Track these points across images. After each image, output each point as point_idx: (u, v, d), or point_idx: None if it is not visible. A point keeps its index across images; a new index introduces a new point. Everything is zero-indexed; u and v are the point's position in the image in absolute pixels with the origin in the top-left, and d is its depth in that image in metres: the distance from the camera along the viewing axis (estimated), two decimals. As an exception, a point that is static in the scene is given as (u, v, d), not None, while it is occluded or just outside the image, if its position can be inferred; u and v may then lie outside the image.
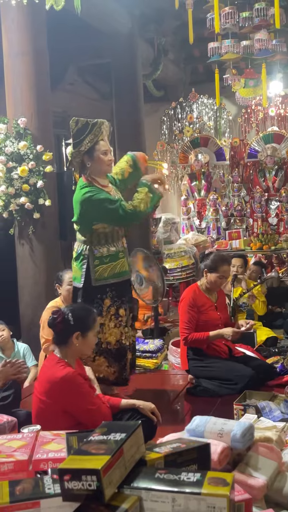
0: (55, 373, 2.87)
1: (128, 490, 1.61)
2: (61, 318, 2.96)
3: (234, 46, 6.99)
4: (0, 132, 5.56)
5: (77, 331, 2.96)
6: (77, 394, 2.85)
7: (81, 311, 3.05)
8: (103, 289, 3.79)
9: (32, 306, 5.72)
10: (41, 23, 5.75)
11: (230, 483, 1.57)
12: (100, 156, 3.72)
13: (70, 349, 2.98)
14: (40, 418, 2.89)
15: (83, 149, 3.70)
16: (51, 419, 2.83)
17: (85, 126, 3.68)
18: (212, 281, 4.35)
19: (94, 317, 3.07)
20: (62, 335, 2.99)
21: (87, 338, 3.00)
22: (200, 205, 8.18)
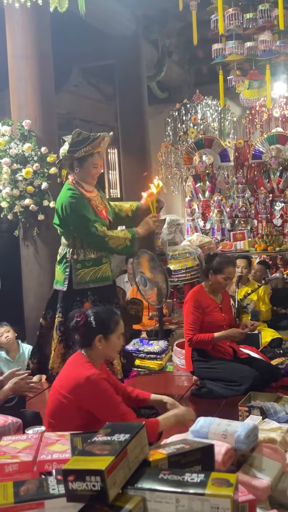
0: (81, 373, 2.88)
1: (132, 491, 1.61)
2: (83, 321, 2.98)
3: (238, 48, 6.97)
4: (4, 134, 5.57)
5: (100, 334, 2.97)
6: (101, 397, 2.85)
7: (103, 314, 3.05)
8: (83, 292, 3.82)
9: (37, 308, 5.73)
10: (46, 26, 5.77)
11: (234, 484, 1.57)
12: (90, 168, 3.81)
13: (94, 351, 3.00)
14: (58, 413, 2.91)
15: (76, 156, 3.78)
16: (68, 415, 2.86)
17: (86, 139, 3.74)
18: (217, 282, 4.36)
19: (117, 320, 3.05)
20: (85, 338, 3.00)
21: (110, 341, 3.00)
22: (205, 206, 8.16)
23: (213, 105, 9.92)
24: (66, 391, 2.88)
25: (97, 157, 3.81)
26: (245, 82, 8.52)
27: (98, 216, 3.81)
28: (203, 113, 9.88)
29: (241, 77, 7.96)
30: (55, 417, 2.93)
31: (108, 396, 2.87)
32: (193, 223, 8.30)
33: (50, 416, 2.96)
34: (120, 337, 3.08)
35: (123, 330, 3.13)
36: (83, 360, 2.97)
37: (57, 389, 2.97)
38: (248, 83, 8.65)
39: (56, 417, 2.92)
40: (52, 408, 2.96)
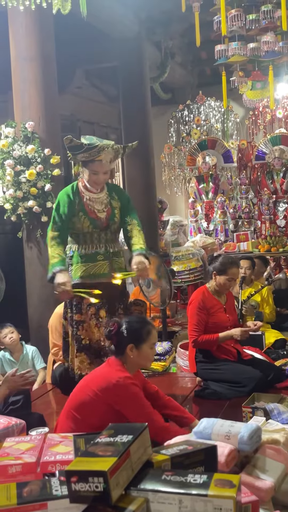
0: (113, 374, 2.95)
1: (135, 492, 1.62)
2: (115, 330, 3.03)
3: (241, 49, 6.97)
4: (8, 136, 5.58)
5: (131, 343, 3.00)
6: (131, 399, 2.91)
7: (135, 323, 3.08)
8: (82, 288, 3.81)
9: (41, 309, 5.74)
10: (49, 28, 5.78)
11: (237, 485, 1.57)
12: (90, 174, 3.82)
13: (127, 360, 3.04)
14: (85, 407, 2.95)
15: (80, 159, 3.82)
16: (95, 411, 2.91)
17: (78, 147, 3.72)
18: (221, 283, 4.35)
19: (149, 330, 3.08)
20: (118, 347, 3.05)
21: (142, 350, 3.03)
22: (208, 207, 8.18)
23: (216, 106, 9.94)
24: (97, 388, 2.93)
25: (97, 164, 3.77)
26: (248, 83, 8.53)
27: (86, 214, 3.84)
28: (206, 114, 9.90)
29: (244, 78, 7.96)
30: (79, 411, 2.98)
31: (136, 399, 2.93)
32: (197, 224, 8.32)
33: (74, 410, 3.00)
34: (153, 347, 3.11)
35: (156, 340, 3.15)
36: (117, 364, 3.03)
37: (88, 385, 3.03)
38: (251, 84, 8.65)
39: (80, 411, 2.97)
40: (78, 403, 3.00)
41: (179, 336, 5.80)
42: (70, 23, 5.86)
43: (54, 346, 4.75)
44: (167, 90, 10.81)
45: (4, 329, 5.05)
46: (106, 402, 2.91)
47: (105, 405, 2.91)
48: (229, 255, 4.78)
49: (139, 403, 2.94)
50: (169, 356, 5.24)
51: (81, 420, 2.95)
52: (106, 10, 7.03)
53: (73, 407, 3.02)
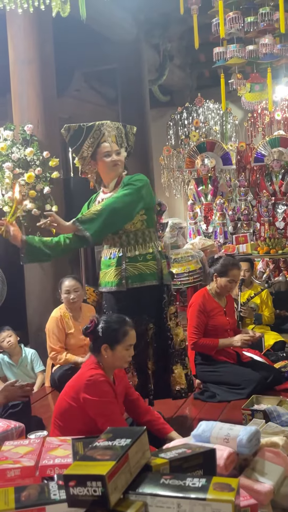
0: (85, 373, 2.91)
1: (134, 496, 1.61)
2: (91, 329, 2.97)
3: (239, 51, 6.99)
4: (6, 139, 5.58)
5: (105, 344, 2.94)
6: (97, 395, 2.84)
7: (112, 323, 2.98)
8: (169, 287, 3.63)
9: (40, 312, 5.74)
10: (47, 30, 5.79)
11: (236, 489, 1.56)
12: (103, 158, 3.50)
13: (102, 359, 2.98)
14: (65, 414, 2.92)
15: (86, 155, 3.53)
16: (74, 418, 2.87)
17: (78, 131, 3.48)
18: (222, 285, 4.34)
19: (125, 331, 2.97)
20: (94, 345, 3.00)
21: (116, 351, 2.95)
22: (207, 209, 8.16)
23: (214, 109, 9.94)
24: (72, 392, 2.91)
25: (105, 145, 3.48)
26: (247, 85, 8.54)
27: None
28: (205, 117, 9.90)
29: (243, 80, 7.97)
30: (62, 419, 2.94)
31: (104, 395, 2.85)
32: (196, 226, 8.30)
33: (57, 418, 2.98)
34: (129, 349, 3.00)
35: (133, 341, 3.02)
36: (91, 363, 2.99)
37: (66, 390, 3.00)
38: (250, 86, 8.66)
39: (62, 418, 2.94)
40: (59, 410, 2.97)
41: (178, 339, 5.77)
42: (69, 25, 5.87)
43: (52, 350, 4.74)
44: (165, 92, 10.82)
45: (2, 332, 5.04)
46: (82, 405, 2.85)
47: (83, 408, 2.86)
48: (230, 257, 4.76)
49: (106, 401, 2.85)
50: (168, 358, 5.22)
51: (65, 428, 2.90)
52: (105, 13, 7.05)
53: (56, 415, 2.98)
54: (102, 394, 2.85)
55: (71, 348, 4.78)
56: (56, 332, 4.73)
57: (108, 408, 2.84)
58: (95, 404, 2.83)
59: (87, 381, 2.85)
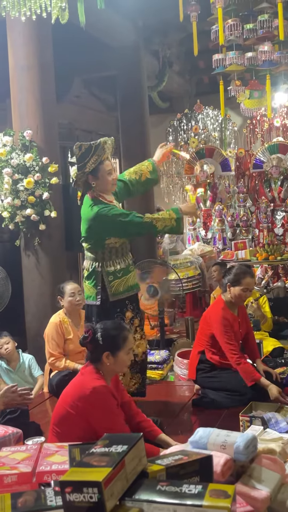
0: (87, 383, 2.89)
1: (130, 502, 1.61)
2: (90, 338, 2.97)
3: (238, 58, 7.02)
4: (6, 145, 5.59)
5: (107, 351, 2.95)
6: (102, 409, 2.85)
7: (111, 330, 3.01)
8: (122, 303, 3.85)
9: (38, 317, 5.73)
10: (47, 37, 5.81)
11: (232, 495, 1.56)
12: (105, 176, 3.78)
13: (103, 367, 2.98)
14: (63, 421, 2.91)
15: (88, 170, 3.76)
16: (73, 425, 2.86)
17: (88, 149, 3.73)
18: (236, 294, 4.24)
19: (125, 336, 3.01)
20: (94, 354, 3.00)
21: (118, 358, 2.97)
22: (206, 215, 8.19)
23: (214, 115, 9.97)
24: (72, 400, 2.89)
25: (107, 163, 3.80)
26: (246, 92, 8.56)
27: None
28: (204, 123, 9.93)
29: (241, 87, 8.00)
30: (60, 426, 2.93)
31: (109, 409, 2.87)
32: (195, 232, 8.33)
33: (55, 424, 2.97)
34: (130, 353, 3.05)
35: (132, 345, 3.09)
36: (92, 372, 2.97)
37: (64, 398, 2.98)
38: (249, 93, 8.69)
39: (61, 425, 2.93)
40: (58, 417, 2.96)
41: (177, 345, 5.78)
42: (68, 32, 5.88)
43: (51, 356, 4.74)
44: (165, 99, 10.85)
45: (0, 339, 5.03)
46: (82, 414, 2.85)
47: (82, 418, 2.85)
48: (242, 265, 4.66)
49: (112, 417, 2.86)
50: (166, 364, 5.22)
51: (63, 434, 2.89)
52: (104, 20, 7.07)
53: (54, 422, 2.98)
54: (107, 407, 2.86)
55: (70, 353, 4.77)
56: (55, 337, 4.72)
57: (113, 421, 2.85)
58: (100, 417, 2.84)
59: (91, 393, 2.84)
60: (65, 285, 4.88)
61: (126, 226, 3.74)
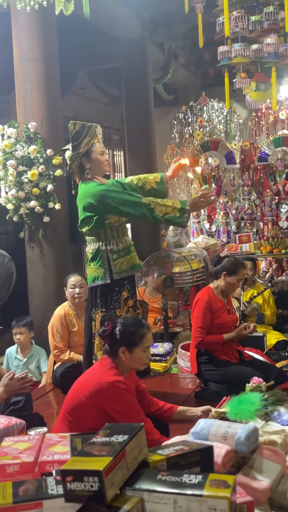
0: (105, 378, 2.92)
1: (130, 492, 1.62)
2: (109, 331, 3.00)
3: (244, 50, 6.98)
4: (10, 136, 5.60)
5: (123, 346, 2.98)
6: (122, 404, 2.89)
7: (129, 326, 3.03)
8: (121, 282, 3.88)
9: (42, 309, 5.76)
10: (52, 29, 5.79)
11: (232, 485, 1.57)
12: (98, 157, 3.86)
13: (119, 362, 3.01)
14: (77, 410, 2.94)
15: (81, 151, 3.82)
16: (87, 414, 2.90)
17: (81, 128, 3.81)
18: (231, 283, 4.37)
19: (143, 333, 3.03)
20: (111, 348, 3.03)
21: (134, 354, 2.99)
22: (210, 208, 8.16)
23: (219, 108, 9.93)
24: (88, 391, 2.91)
25: (99, 145, 3.88)
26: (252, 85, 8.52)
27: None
28: (209, 116, 9.89)
29: (247, 79, 7.95)
30: (72, 414, 2.96)
31: (129, 403, 2.91)
32: (199, 225, 8.30)
33: (68, 413, 2.99)
34: (147, 350, 3.07)
35: (150, 343, 3.11)
36: (110, 365, 3.00)
37: (79, 387, 3.01)
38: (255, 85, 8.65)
39: (73, 414, 2.96)
40: (72, 406, 2.98)
41: (180, 337, 5.79)
42: (73, 24, 5.87)
43: (55, 348, 4.75)
44: (170, 91, 10.82)
45: (16, 328, 5.10)
46: (98, 405, 2.89)
47: (97, 408, 2.89)
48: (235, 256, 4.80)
49: (131, 408, 2.92)
50: (170, 357, 5.23)
51: (75, 423, 2.93)
52: (109, 11, 7.05)
53: (67, 410, 3.00)
54: (126, 402, 2.90)
55: (74, 346, 4.79)
56: (60, 329, 4.74)
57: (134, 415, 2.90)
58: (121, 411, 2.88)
59: (109, 387, 2.88)
60: (69, 277, 4.90)
61: (129, 205, 3.71)
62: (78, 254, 7.92)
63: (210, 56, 9.70)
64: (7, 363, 5.17)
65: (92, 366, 3.19)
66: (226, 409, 2.57)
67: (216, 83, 10.86)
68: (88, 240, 3.94)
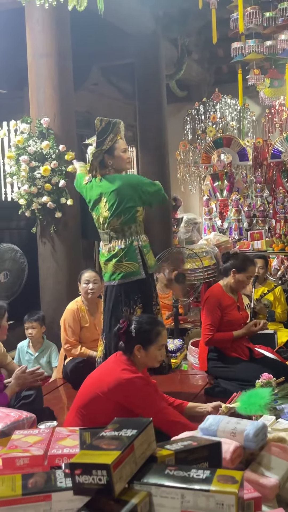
0: (123, 373, 2.93)
1: (138, 486, 1.63)
2: (124, 329, 3.01)
3: (257, 46, 6.96)
4: (23, 132, 5.62)
5: (139, 344, 2.99)
6: (143, 398, 2.92)
7: (145, 324, 3.05)
8: (152, 277, 3.98)
9: (54, 305, 5.77)
10: (65, 24, 5.80)
11: (239, 481, 1.58)
12: (121, 154, 3.89)
13: (135, 358, 3.03)
14: (92, 404, 2.96)
15: (105, 148, 3.84)
16: (102, 409, 2.91)
17: (107, 125, 3.83)
18: (240, 280, 4.37)
19: (158, 331, 3.05)
20: (126, 345, 3.04)
21: (149, 352, 3.01)
22: (222, 205, 8.14)
23: (232, 104, 9.90)
24: (107, 387, 2.92)
25: (122, 142, 3.91)
26: (266, 81, 8.49)
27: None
28: (222, 112, 9.86)
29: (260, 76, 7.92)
30: (87, 408, 2.98)
31: (149, 398, 2.94)
32: (211, 222, 8.29)
33: (82, 407, 3.01)
34: (161, 349, 3.09)
35: (165, 341, 3.13)
36: (126, 362, 3.02)
37: (95, 381, 3.03)
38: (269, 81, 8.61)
39: (88, 407, 2.98)
40: (87, 400, 3.00)
41: (191, 334, 5.80)
42: (86, 19, 5.87)
43: (66, 343, 4.77)
44: (183, 87, 10.79)
45: (28, 322, 5.12)
46: (116, 400, 2.90)
47: (114, 403, 2.91)
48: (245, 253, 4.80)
49: (152, 400, 2.94)
50: (180, 353, 5.24)
51: (89, 417, 2.95)
52: (123, 7, 7.04)
53: (81, 404, 3.02)
54: (146, 395, 2.94)
55: (85, 341, 4.80)
56: (72, 324, 4.75)
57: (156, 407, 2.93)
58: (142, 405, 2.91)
59: (128, 383, 2.90)
60: (83, 272, 4.91)
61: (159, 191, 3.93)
62: (89, 250, 7.93)
63: (224, 52, 9.65)
64: (19, 357, 5.20)
65: (105, 361, 3.20)
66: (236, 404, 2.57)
67: (229, 80, 10.81)
68: (115, 236, 3.89)
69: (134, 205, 3.83)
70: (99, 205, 3.91)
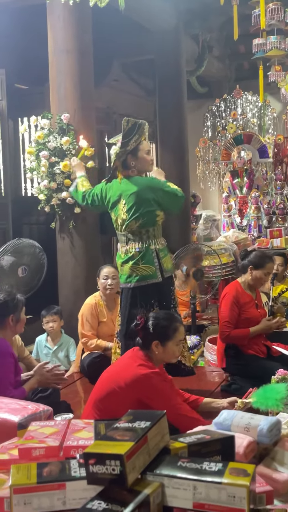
0: (140, 369, 2.96)
1: (151, 476, 1.64)
2: (141, 325, 3.03)
3: (279, 43, 6.92)
4: (43, 127, 5.66)
5: (156, 340, 3.01)
6: (159, 395, 2.95)
7: (162, 320, 3.06)
8: (171, 279, 4.00)
9: (72, 300, 5.81)
10: (86, 20, 5.82)
11: (251, 474, 1.58)
12: (144, 155, 3.90)
13: (152, 354, 3.05)
14: (109, 399, 2.99)
15: (129, 149, 3.85)
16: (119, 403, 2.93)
17: (133, 125, 3.83)
18: (258, 277, 4.36)
19: (175, 327, 3.06)
20: (144, 341, 3.06)
21: (167, 348, 3.03)
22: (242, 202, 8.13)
23: (253, 101, 9.85)
24: (124, 382, 2.95)
25: (146, 144, 3.93)
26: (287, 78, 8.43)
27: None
28: (242, 109, 9.82)
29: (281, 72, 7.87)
30: (103, 402, 3.01)
31: (165, 394, 2.96)
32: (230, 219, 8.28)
33: (99, 401, 3.03)
34: (179, 344, 3.10)
35: (182, 337, 3.15)
36: (144, 358, 3.04)
37: (112, 376, 3.06)
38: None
39: (104, 401, 3.00)
40: (104, 394, 3.03)
41: (208, 331, 5.80)
42: (107, 15, 5.89)
43: (83, 337, 4.81)
44: (203, 83, 10.76)
45: (48, 316, 5.16)
46: (132, 395, 2.93)
47: (130, 397, 2.93)
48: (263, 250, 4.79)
49: (167, 396, 2.97)
50: (197, 350, 5.25)
51: (105, 411, 2.97)
52: (144, 3, 7.04)
53: (98, 398, 3.04)
54: (163, 392, 2.96)
55: (102, 336, 4.83)
56: (90, 319, 4.78)
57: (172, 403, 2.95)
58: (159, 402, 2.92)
59: (145, 379, 2.93)
60: (103, 268, 4.94)
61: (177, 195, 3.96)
62: (108, 246, 7.96)
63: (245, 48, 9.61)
64: (37, 351, 5.25)
65: (122, 356, 3.22)
66: (252, 399, 2.58)
67: (250, 76, 10.75)
68: (132, 238, 3.90)
69: (154, 209, 3.85)
70: (118, 206, 3.92)
